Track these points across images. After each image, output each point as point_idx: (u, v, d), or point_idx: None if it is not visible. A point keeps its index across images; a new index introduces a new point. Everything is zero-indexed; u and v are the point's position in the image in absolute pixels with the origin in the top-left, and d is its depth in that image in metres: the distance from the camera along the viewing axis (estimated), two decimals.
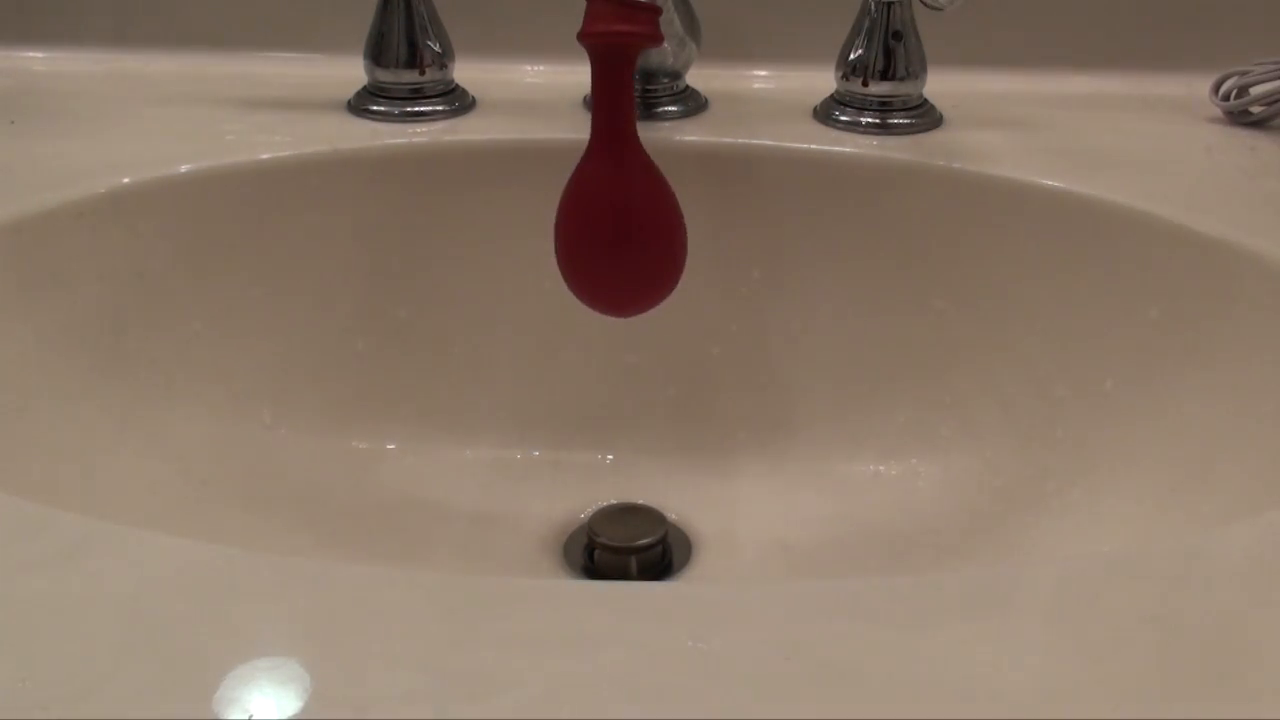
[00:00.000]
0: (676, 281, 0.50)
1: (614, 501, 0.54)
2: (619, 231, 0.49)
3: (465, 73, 0.60)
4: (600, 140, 0.47)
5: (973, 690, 0.26)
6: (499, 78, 0.63)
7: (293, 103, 0.60)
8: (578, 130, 0.46)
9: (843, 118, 0.58)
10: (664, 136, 0.55)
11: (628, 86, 0.44)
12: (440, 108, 0.58)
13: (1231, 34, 0.64)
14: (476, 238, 0.56)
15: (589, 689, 0.26)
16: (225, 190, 0.53)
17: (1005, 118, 0.59)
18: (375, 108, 0.58)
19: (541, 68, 0.65)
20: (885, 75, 0.57)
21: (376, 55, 0.58)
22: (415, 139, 0.56)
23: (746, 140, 0.56)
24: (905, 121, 0.57)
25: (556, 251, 0.50)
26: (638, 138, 0.47)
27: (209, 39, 0.65)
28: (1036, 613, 0.28)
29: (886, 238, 0.54)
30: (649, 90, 0.58)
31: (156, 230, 0.52)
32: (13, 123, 0.58)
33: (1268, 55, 0.60)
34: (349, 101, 0.59)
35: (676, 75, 0.59)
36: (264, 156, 0.54)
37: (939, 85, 0.58)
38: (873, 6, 0.57)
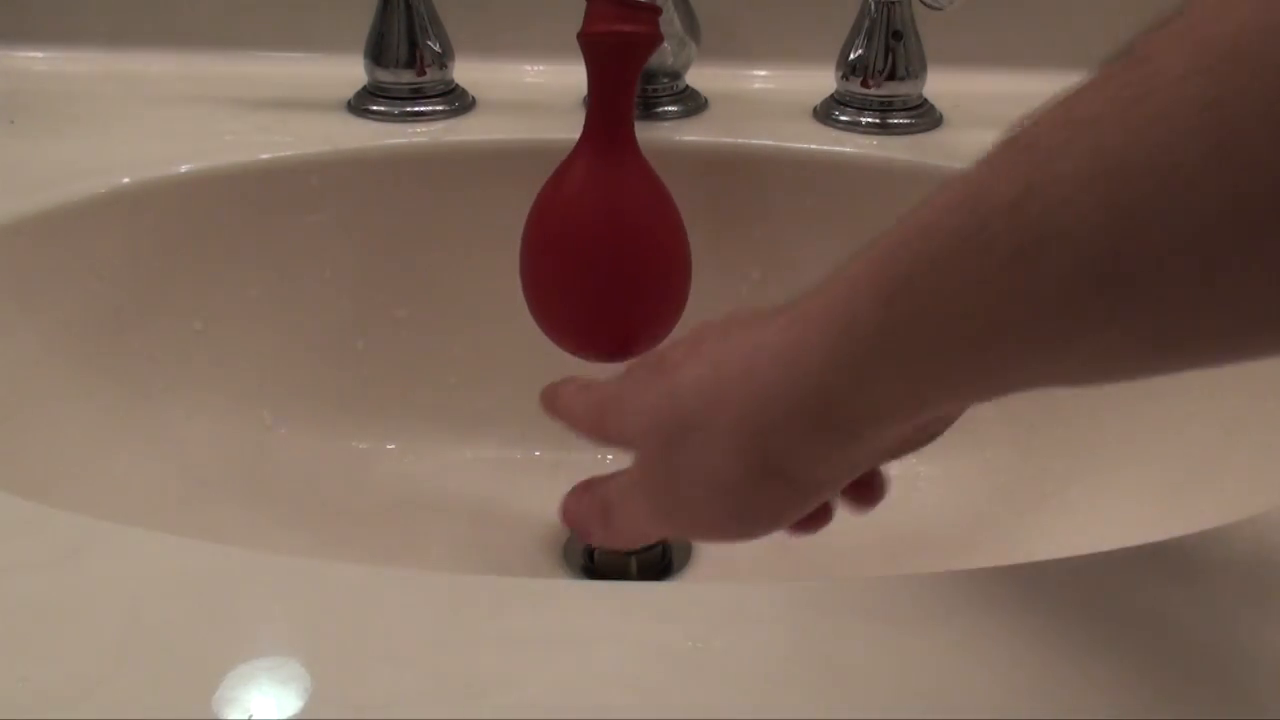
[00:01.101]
0: (675, 319, 0.47)
1: None
2: (607, 245, 0.45)
3: (465, 73, 0.60)
4: (592, 138, 0.45)
5: (972, 690, 0.26)
6: (499, 78, 0.63)
7: (293, 103, 0.60)
8: (578, 130, 0.46)
9: (843, 118, 0.58)
10: (664, 136, 0.55)
11: (629, 87, 0.44)
12: (440, 108, 0.58)
13: None
14: (476, 238, 0.56)
15: (589, 689, 0.26)
16: (225, 190, 0.53)
17: (1005, 118, 0.59)
18: (375, 108, 0.58)
19: (541, 68, 0.65)
20: (885, 75, 0.57)
21: (376, 55, 0.58)
22: (415, 139, 0.56)
23: (746, 140, 0.56)
24: (905, 121, 0.57)
25: (523, 271, 0.46)
26: (636, 143, 0.45)
27: (209, 39, 0.65)
28: (1036, 613, 0.28)
29: None
30: (649, 90, 0.58)
31: (156, 230, 0.52)
32: (13, 122, 0.58)
33: None
34: (349, 101, 0.59)
35: (676, 75, 0.59)
36: (264, 156, 0.54)
37: (939, 85, 0.58)
38: (873, 6, 0.57)
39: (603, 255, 0.45)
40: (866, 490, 0.37)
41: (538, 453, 0.56)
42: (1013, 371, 0.26)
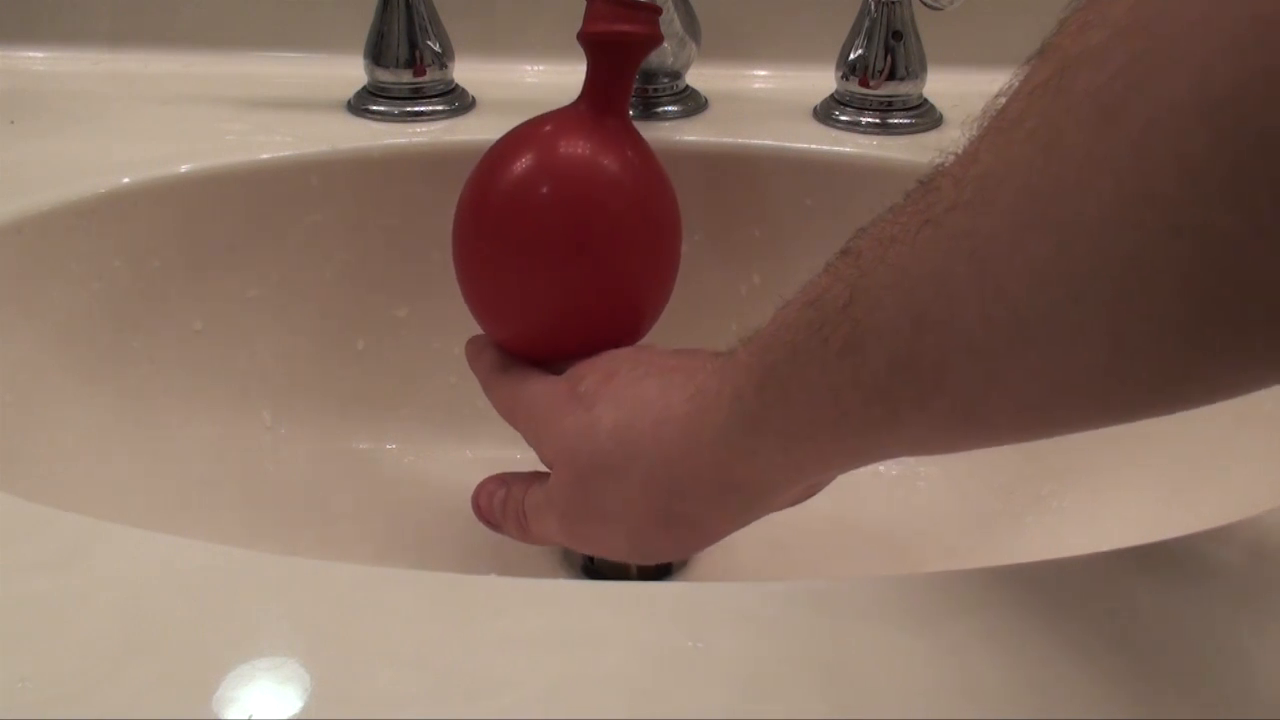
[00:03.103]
0: (652, 317, 0.43)
1: None
2: (585, 223, 0.40)
3: (465, 73, 0.60)
4: (588, 104, 0.42)
5: (972, 690, 0.26)
6: (499, 78, 0.63)
7: (293, 103, 0.60)
8: None
9: (843, 118, 0.58)
10: (664, 136, 0.55)
11: (627, 84, 0.44)
12: (440, 108, 0.58)
13: None
14: None
15: (589, 689, 0.26)
16: (225, 190, 0.53)
17: None
18: (375, 108, 0.58)
19: (541, 68, 0.65)
20: (885, 75, 0.57)
21: (376, 55, 0.58)
22: (415, 139, 0.56)
23: (746, 140, 0.56)
24: (905, 121, 0.57)
25: (463, 248, 0.42)
26: (632, 125, 0.44)
27: (209, 39, 0.65)
28: (1036, 613, 0.28)
29: None
30: (649, 90, 0.58)
31: (156, 230, 0.52)
32: (13, 123, 0.58)
33: None
34: (349, 101, 0.59)
35: (676, 75, 0.59)
36: (264, 156, 0.54)
37: (939, 85, 0.58)
38: (873, 6, 0.57)
39: (579, 229, 0.41)
40: None
41: None
42: (864, 445, 0.30)
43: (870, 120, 0.57)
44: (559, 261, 0.41)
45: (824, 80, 0.59)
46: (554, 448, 0.38)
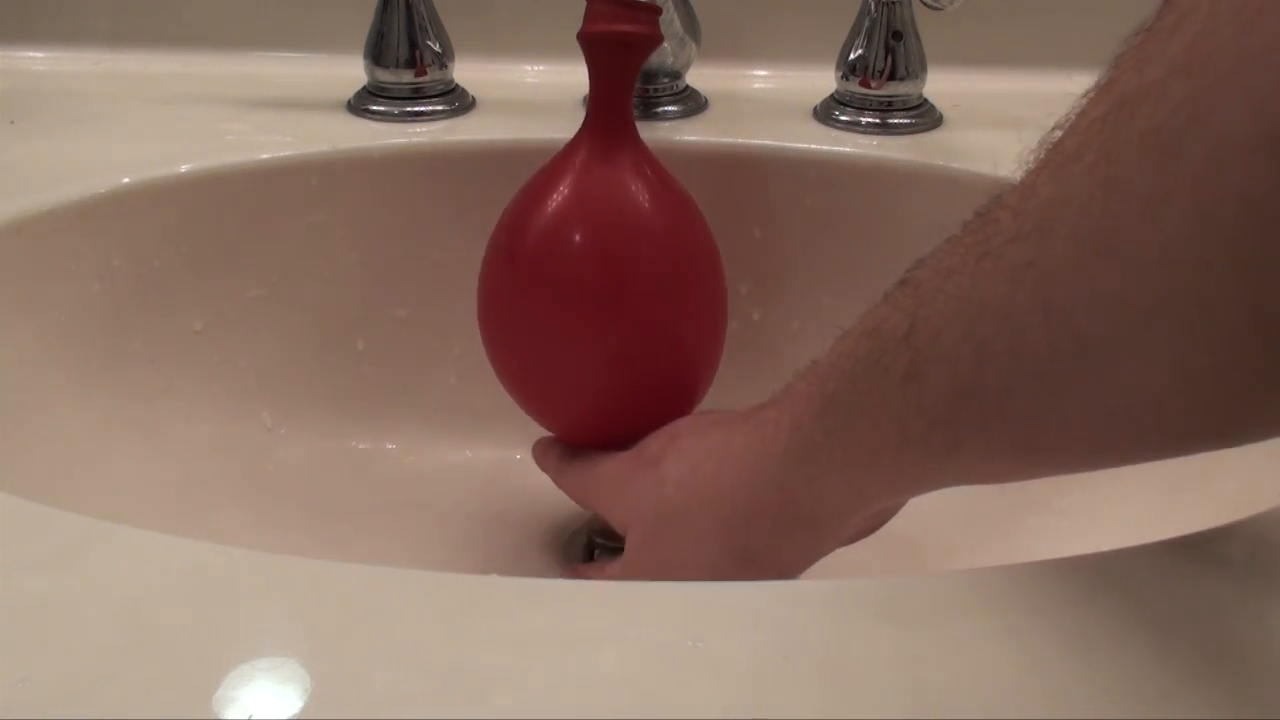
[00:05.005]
0: (709, 375, 0.44)
1: None
2: (621, 264, 0.42)
3: (465, 73, 0.60)
4: (590, 139, 0.43)
5: (972, 690, 0.26)
6: (499, 78, 0.63)
7: (293, 103, 0.60)
8: (578, 131, 0.46)
9: (843, 118, 0.58)
10: (664, 136, 0.55)
11: (629, 86, 0.44)
12: (440, 108, 0.58)
13: None
14: (476, 238, 0.56)
15: (589, 689, 0.26)
16: (225, 190, 0.53)
17: (1005, 118, 0.59)
18: (375, 108, 0.58)
19: (541, 68, 0.65)
20: (885, 75, 0.57)
21: (376, 55, 0.58)
22: (415, 139, 0.56)
23: (746, 140, 0.56)
24: (905, 121, 0.57)
25: (504, 347, 0.44)
26: (643, 144, 0.45)
27: (209, 39, 0.65)
28: (1036, 613, 0.28)
29: (886, 238, 0.54)
30: (649, 90, 0.58)
31: (156, 230, 0.52)
32: (13, 123, 0.58)
33: None
34: (349, 101, 0.59)
35: (676, 75, 0.59)
36: (264, 156, 0.54)
37: (939, 85, 0.58)
38: (873, 6, 0.57)
39: (614, 271, 0.42)
40: None
41: None
42: (924, 472, 0.31)
43: (870, 120, 0.57)
44: (601, 341, 0.42)
45: (824, 80, 0.59)
46: (625, 511, 0.39)
